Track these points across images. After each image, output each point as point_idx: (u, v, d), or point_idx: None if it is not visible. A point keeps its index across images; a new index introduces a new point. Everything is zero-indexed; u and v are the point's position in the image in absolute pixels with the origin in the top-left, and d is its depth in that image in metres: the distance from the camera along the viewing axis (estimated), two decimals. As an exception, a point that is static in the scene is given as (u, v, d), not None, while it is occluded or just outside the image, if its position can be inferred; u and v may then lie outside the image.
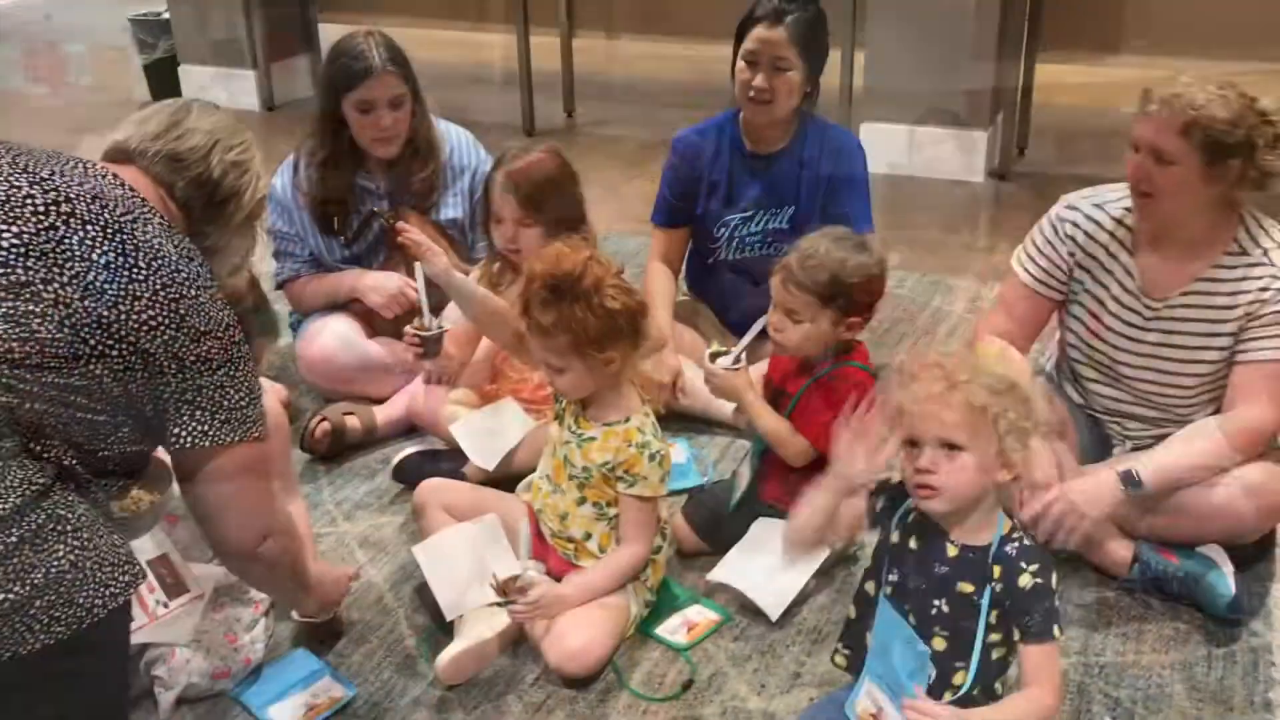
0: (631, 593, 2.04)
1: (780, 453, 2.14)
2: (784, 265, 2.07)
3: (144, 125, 1.71)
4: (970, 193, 4.47)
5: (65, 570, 1.44)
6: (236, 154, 1.74)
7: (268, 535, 1.69)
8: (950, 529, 1.66)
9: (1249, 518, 2.10)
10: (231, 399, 1.61)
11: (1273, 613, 2.12)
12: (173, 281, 1.55)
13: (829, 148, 2.73)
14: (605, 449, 1.97)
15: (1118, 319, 2.20)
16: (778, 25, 2.57)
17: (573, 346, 1.90)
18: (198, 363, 1.57)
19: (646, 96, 5.89)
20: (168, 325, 1.53)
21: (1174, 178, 2.00)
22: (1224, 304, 2.10)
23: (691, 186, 2.81)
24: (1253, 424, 2.08)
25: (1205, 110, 1.94)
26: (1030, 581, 1.60)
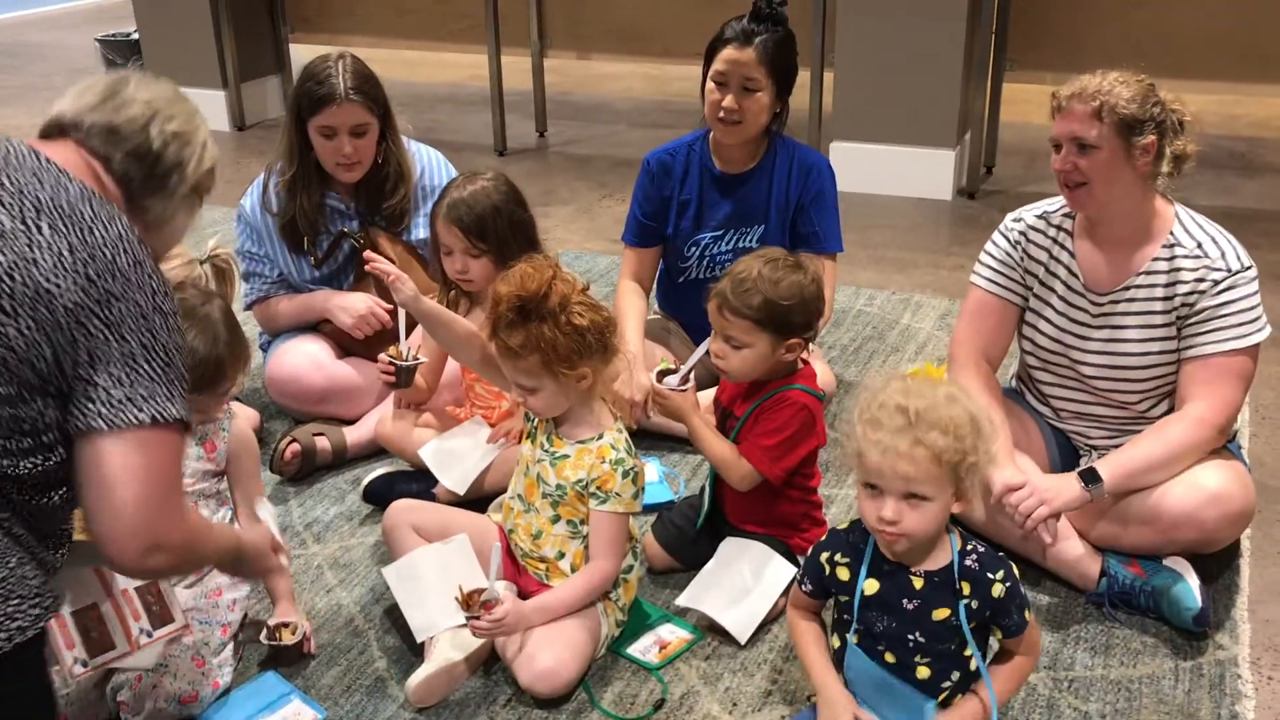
0: (603, 612, 2.03)
1: (724, 475, 2.14)
2: (718, 291, 2.06)
3: (81, 98, 1.61)
4: (938, 211, 4.51)
5: None
6: (178, 124, 1.64)
7: (157, 547, 1.47)
8: (911, 563, 1.67)
9: (1213, 525, 2.12)
10: (141, 373, 1.45)
11: (1239, 625, 2.14)
12: (84, 242, 1.43)
13: (798, 167, 2.76)
14: (579, 466, 1.97)
15: (1066, 317, 2.28)
16: (747, 46, 2.59)
17: (544, 366, 1.90)
18: (105, 329, 1.43)
19: (618, 116, 5.92)
20: (71, 289, 1.40)
21: (1099, 161, 2.10)
22: (1162, 295, 2.17)
23: (662, 206, 2.82)
24: (1201, 418, 2.13)
25: (1112, 93, 2.07)
26: (1002, 589, 1.65)
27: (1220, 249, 2.14)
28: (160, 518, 1.47)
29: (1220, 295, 2.12)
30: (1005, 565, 1.68)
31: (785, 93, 2.70)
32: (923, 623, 1.65)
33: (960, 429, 1.58)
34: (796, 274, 2.05)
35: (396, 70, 6.56)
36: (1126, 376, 2.24)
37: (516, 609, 1.93)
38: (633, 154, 5.22)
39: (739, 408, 2.16)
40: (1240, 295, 2.12)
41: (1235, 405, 2.16)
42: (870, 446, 1.59)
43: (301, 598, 2.24)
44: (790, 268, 2.05)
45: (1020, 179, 4.82)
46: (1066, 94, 2.13)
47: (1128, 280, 2.20)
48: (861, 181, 4.59)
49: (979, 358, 2.34)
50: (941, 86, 4.45)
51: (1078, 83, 2.13)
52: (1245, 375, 2.15)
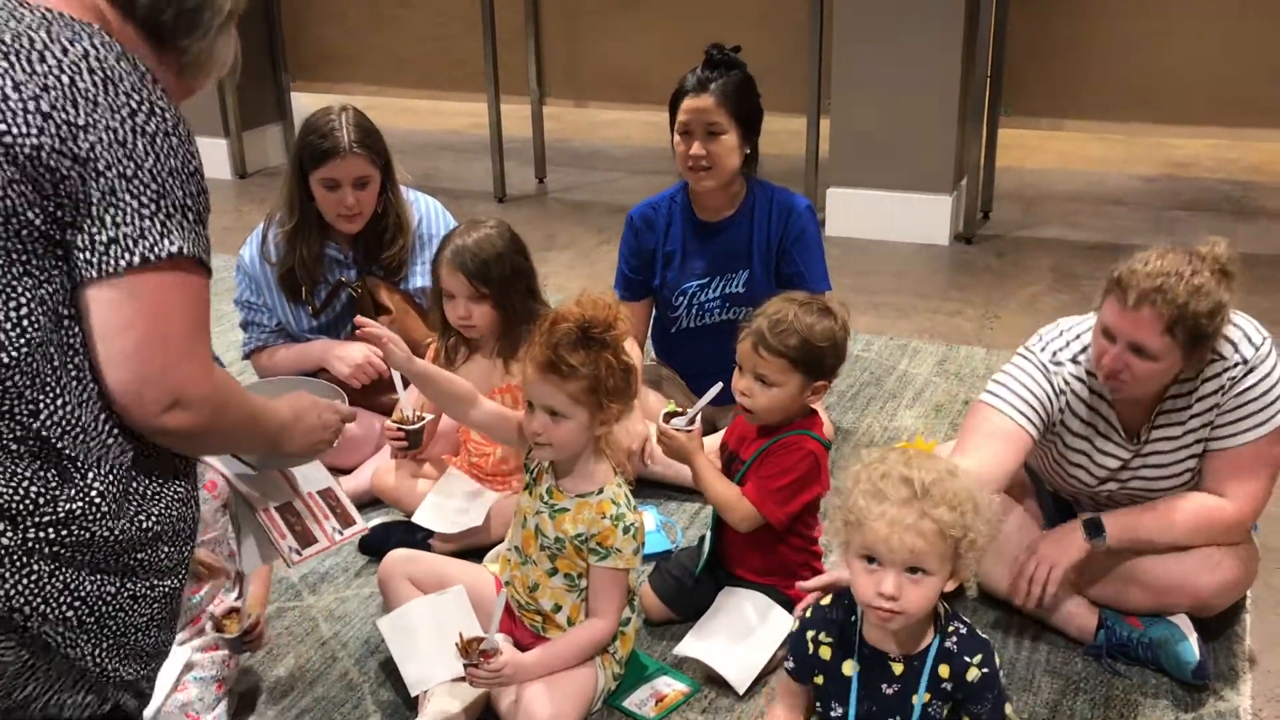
0: (599, 664, 2.02)
1: (725, 517, 2.14)
2: (754, 330, 2.08)
3: None
4: (936, 256, 4.52)
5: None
6: None
7: (175, 402, 1.31)
8: (889, 649, 1.64)
9: (1207, 593, 2.11)
10: (126, 207, 1.28)
11: (1240, 676, 2.12)
12: (30, 74, 1.26)
13: (777, 210, 2.79)
14: (578, 520, 1.96)
15: (1102, 466, 2.17)
16: (704, 93, 2.64)
17: (588, 393, 1.89)
18: (76, 166, 1.26)
19: (616, 163, 5.97)
20: (29, 132, 1.24)
21: (1154, 371, 1.96)
22: (1190, 415, 2.08)
23: (647, 259, 2.85)
24: (1227, 521, 2.08)
25: (1188, 308, 1.88)
26: (977, 674, 1.60)
27: (1232, 341, 2.03)
28: (174, 367, 1.31)
29: (1240, 384, 2.03)
30: (986, 650, 1.63)
31: (752, 134, 2.73)
32: (900, 709, 1.63)
33: (964, 504, 1.56)
34: (828, 319, 2.09)
35: (397, 118, 6.62)
36: (1154, 491, 2.17)
37: (515, 660, 1.92)
38: (631, 200, 5.20)
39: (746, 450, 2.16)
40: (1259, 378, 2.03)
41: (1263, 500, 2.09)
42: (875, 519, 1.55)
43: (296, 649, 2.22)
44: (822, 312, 2.09)
45: (1018, 223, 4.84)
46: (1136, 292, 1.89)
47: (1156, 408, 2.09)
48: (858, 227, 4.61)
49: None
50: (937, 132, 4.48)
51: (1150, 275, 1.89)
52: (1273, 464, 2.08)
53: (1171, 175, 5.44)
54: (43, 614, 1.28)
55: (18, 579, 1.26)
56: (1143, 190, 5.24)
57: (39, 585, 1.27)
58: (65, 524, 1.28)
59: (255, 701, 2.07)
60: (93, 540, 1.30)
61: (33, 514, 1.26)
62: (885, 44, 4.41)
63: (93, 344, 1.30)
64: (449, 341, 2.53)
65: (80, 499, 1.29)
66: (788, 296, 2.14)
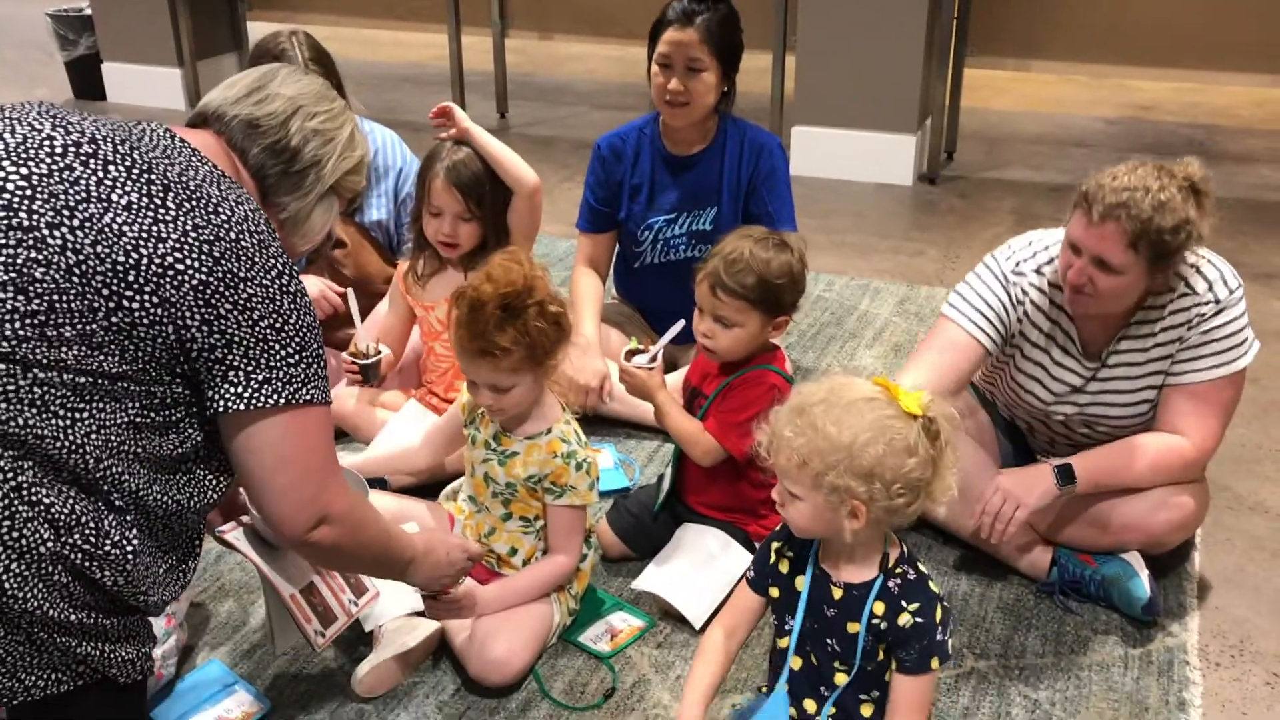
0: (555, 600, 2.02)
1: (688, 452, 2.14)
2: (710, 272, 2.05)
3: (229, 89, 1.62)
4: (899, 196, 4.51)
5: None
6: (320, 122, 1.63)
7: (322, 521, 1.50)
8: (831, 571, 1.64)
9: (1161, 530, 2.13)
10: (275, 355, 1.44)
11: (1188, 613, 2.15)
12: (208, 223, 1.41)
13: (749, 148, 2.74)
14: (529, 463, 1.94)
15: (1058, 380, 2.18)
16: (688, 27, 2.57)
17: (529, 359, 1.86)
18: (236, 312, 1.41)
19: (580, 98, 5.89)
20: (197, 268, 1.39)
21: (1119, 285, 1.96)
22: (1153, 344, 2.09)
23: (614, 190, 2.80)
24: (1185, 458, 2.09)
25: (1153, 223, 1.88)
26: (910, 620, 1.58)
27: (1207, 279, 2.04)
28: (319, 492, 1.50)
29: (1209, 323, 2.04)
30: (926, 600, 1.60)
31: (731, 71, 2.68)
32: (837, 632, 1.63)
33: (825, 443, 1.51)
34: (785, 253, 2.06)
35: (356, 49, 6.49)
36: (1111, 424, 2.19)
37: (475, 592, 1.91)
38: (595, 136, 5.15)
39: (709, 386, 2.15)
40: (1227, 320, 2.04)
41: (1217, 438, 2.10)
42: (767, 427, 1.58)
43: (248, 583, 2.21)
44: (778, 247, 2.06)
45: (981, 165, 4.83)
46: (1102, 206, 1.90)
47: (1119, 332, 2.10)
48: (823, 166, 4.58)
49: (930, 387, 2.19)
50: (903, 72, 4.45)
51: (1116, 189, 1.90)
52: (1228, 404, 2.09)
53: (1135, 118, 5.44)
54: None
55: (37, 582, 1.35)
56: (1106, 133, 5.24)
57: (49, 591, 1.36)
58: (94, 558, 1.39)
59: (207, 636, 2.05)
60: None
61: (71, 532, 1.37)
62: (853, -20, 4.36)
63: (244, 469, 1.48)
64: (421, 260, 2.52)
65: (115, 548, 1.40)
66: (743, 232, 2.11)
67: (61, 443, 1.35)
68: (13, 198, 1.34)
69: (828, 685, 1.66)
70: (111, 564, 1.39)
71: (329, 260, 2.76)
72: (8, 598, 1.34)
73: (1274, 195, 4.48)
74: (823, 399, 1.55)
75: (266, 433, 1.45)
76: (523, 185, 2.43)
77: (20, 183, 1.35)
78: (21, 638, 1.37)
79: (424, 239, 2.49)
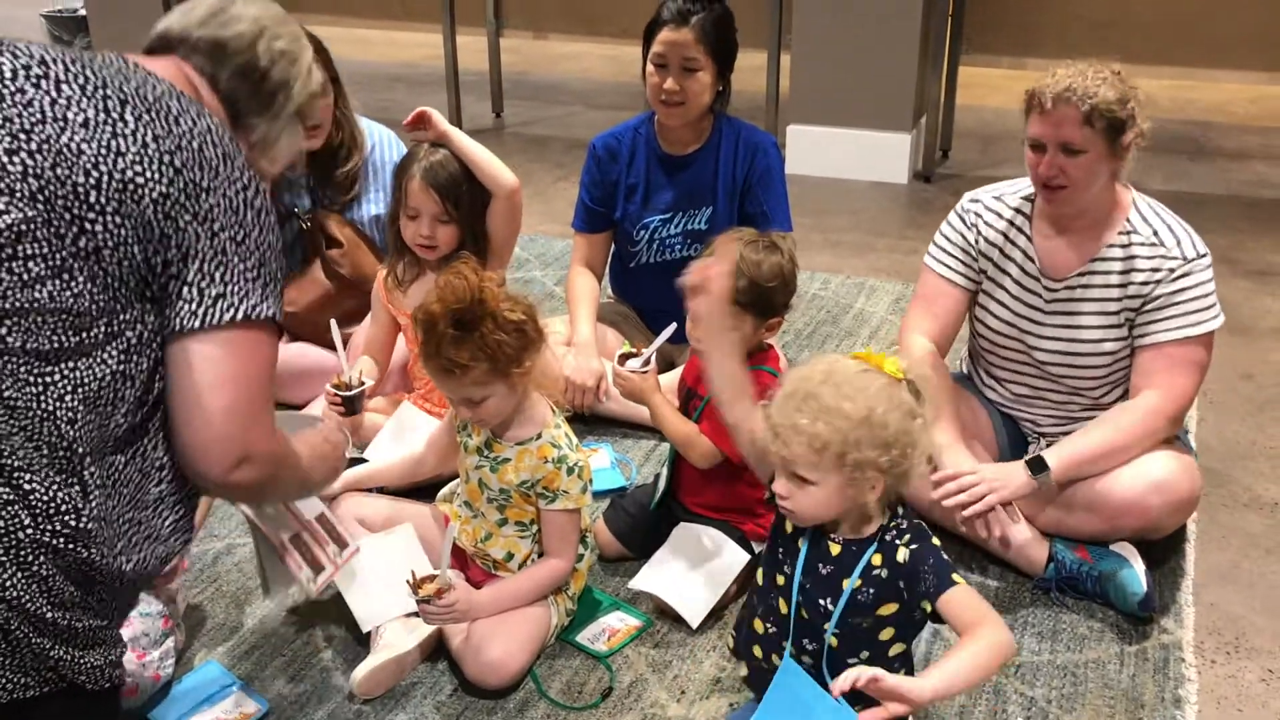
0: (552, 601, 2.02)
1: (684, 454, 2.14)
2: None
3: (188, 13, 1.60)
4: (894, 194, 4.51)
5: None
6: (285, 43, 1.61)
7: (245, 459, 1.40)
8: (833, 530, 1.66)
9: (1157, 513, 2.14)
10: (233, 268, 1.38)
11: (1184, 610, 2.16)
12: (169, 132, 1.37)
13: (744, 147, 2.74)
14: (520, 468, 1.94)
15: (1021, 301, 2.27)
16: (683, 26, 2.58)
17: (493, 371, 1.84)
18: (196, 223, 1.36)
19: (575, 97, 5.88)
20: (157, 179, 1.34)
21: (1085, 165, 2.08)
22: (1118, 283, 2.17)
23: (609, 190, 2.80)
24: (1154, 408, 2.14)
25: (1099, 95, 2.03)
26: (906, 553, 1.61)
27: (1176, 237, 2.15)
28: (251, 426, 1.41)
29: (1176, 283, 2.12)
30: (918, 532, 1.64)
31: (726, 71, 2.68)
32: (834, 590, 1.64)
33: (844, 420, 1.53)
34: (775, 255, 2.06)
35: (351, 49, 6.47)
36: (1082, 364, 2.25)
37: (469, 596, 1.91)
38: (590, 135, 5.15)
39: (704, 387, 2.15)
40: (1195, 283, 2.13)
41: (1189, 395, 2.17)
42: (766, 418, 1.61)
43: (245, 585, 2.21)
44: (768, 248, 2.06)
45: (976, 163, 4.84)
46: (1051, 94, 2.07)
47: (1083, 266, 2.20)
48: (818, 165, 4.59)
49: (928, 343, 2.33)
50: (897, 70, 4.45)
51: (1059, 81, 2.07)
52: (1199, 364, 2.16)
53: (1130, 115, 5.44)
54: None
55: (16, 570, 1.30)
56: (1101, 130, 5.24)
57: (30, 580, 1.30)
58: (74, 537, 1.32)
59: (204, 638, 2.06)
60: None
61: (53, 518, 1.30)
62: (847, -22, 4.36)
63: (174, 392, 1.37)
64: (401, 263, 2.51)
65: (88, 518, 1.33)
66: (730, 236, 2.11)
67: (35, 411, 1.28)
68: None
69: (817, 643, 1.67)
70: (92, 539, 1.33)
71: (325, 260, 2.76)
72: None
73: (1269, 192, 4.49)
74: (823, 379, 1.58)
75: (209, 349, 1.37)
76: (501, 187, 2.43)
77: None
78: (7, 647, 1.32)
79: (402, 242, 2.49)
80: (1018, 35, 4.57)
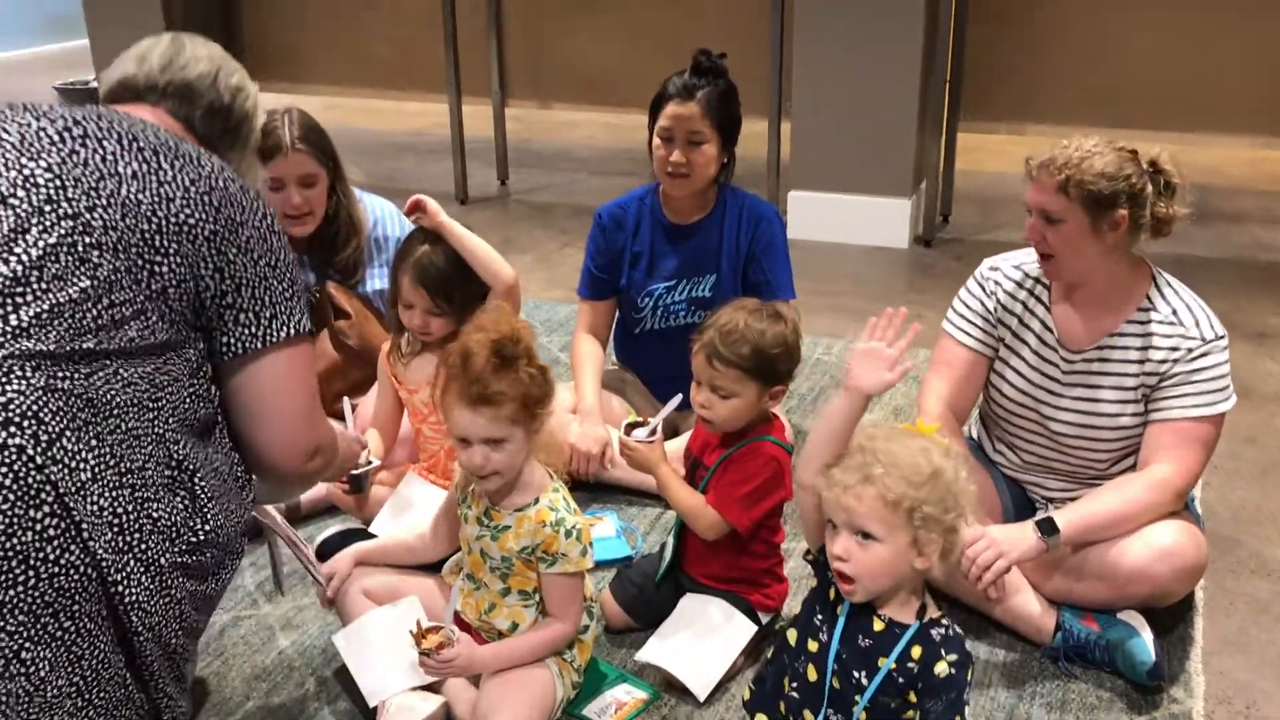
0: (558, 674, 2.01)
1: (691, 526, 2.14)
2: (706, 343, 2.08)
3: (143, 64, 1.69)
4: (895, 259, 4.55)
5: None
6: (238, 78, 1.74)
7: (318, 451, 1.63)
8: (878, 604, 1.67)
9: (1165, 580, 2.13)
10: (275, 290, 1.55)
11: (1193, 679, 2.15)
12: (200, 175, 1.51)
13: (747, 217, 2.79)
14: (520, 535, 1.94)
15: (1038, 371, 2.27)
16: (689, 101, 2.63)
17: (521, 409, 1.87)
18: (240, 255, 1.52)
19: (579, 164, 5.95)
20: (205, 219, 1.49)
21: (1064, 235, 2.11)
22: (1136, 358, 2.18)
23: (614, 258, 2.84)
24: (1163, 481, 2.13)
25: (1080, 167, 2.05)
26: (945, 670, 1.62)
27: (1195, 317, 2.16)
28: (317, 422, 1.64)
29: (1194, 362, 2.13)
30: (963, 655, 1.65)
31: (730, 143, 2.73)
32: (870, 664, 1.65)
33: (915, 475, 1.59)
34: (779, 324, 2.08)
35: (358, 118, 6.57)
36: (1097, 436, 2.25)
37: (469, 652, 1.92)
38: (593, 202, 5.19)
39: (709, 457, 2.16)
40: (1213, 363, 2.14)
41: (1196, 473, 2.17)
42: (825, 483, 1.64)
43: (252, 659, 2.20)
44: (772, 317, 2.09)
45: (976, 227, 4.88)
46: (1036, 163, 2.12)
47: (1102, 340, 2.21)
48: (819, 230, 4.63)
49: (945, 410, 2.33)
50: (897, 136, 4.51)
51: (1049, 151, 2.11)
52: (1209, 443, 2.16)
53: (1128, 179, 5.49)
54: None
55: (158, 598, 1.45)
56: (1100, 193, 5.28)
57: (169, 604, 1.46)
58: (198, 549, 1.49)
59: (210, 710, 2.05)
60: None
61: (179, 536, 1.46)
62: (846, 49, 4.44)
63: (251, 406, 1.55)
64: (404, 338, 2.53)
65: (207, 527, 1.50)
66: (737, 304, 2.14)
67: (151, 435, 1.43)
68: (48, 188, 1.41)
69: (845, 715, 1.67)
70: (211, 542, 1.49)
71: (333, 332, 2.79)
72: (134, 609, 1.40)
73: (1267, 255, 4.52)
74: (888, 438, 1.64)
75: (273, 364, 1.55)
76: (499, 281, 2.42)
77: (48, 174, 1.42)
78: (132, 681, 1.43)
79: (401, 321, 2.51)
80: (1015, 102, 4.63)
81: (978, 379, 2.37)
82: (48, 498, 1.31)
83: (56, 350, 1.35)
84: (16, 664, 1.31)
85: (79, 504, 1.33)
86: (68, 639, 1.35)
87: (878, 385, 1.75)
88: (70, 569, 1.33)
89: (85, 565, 1.34)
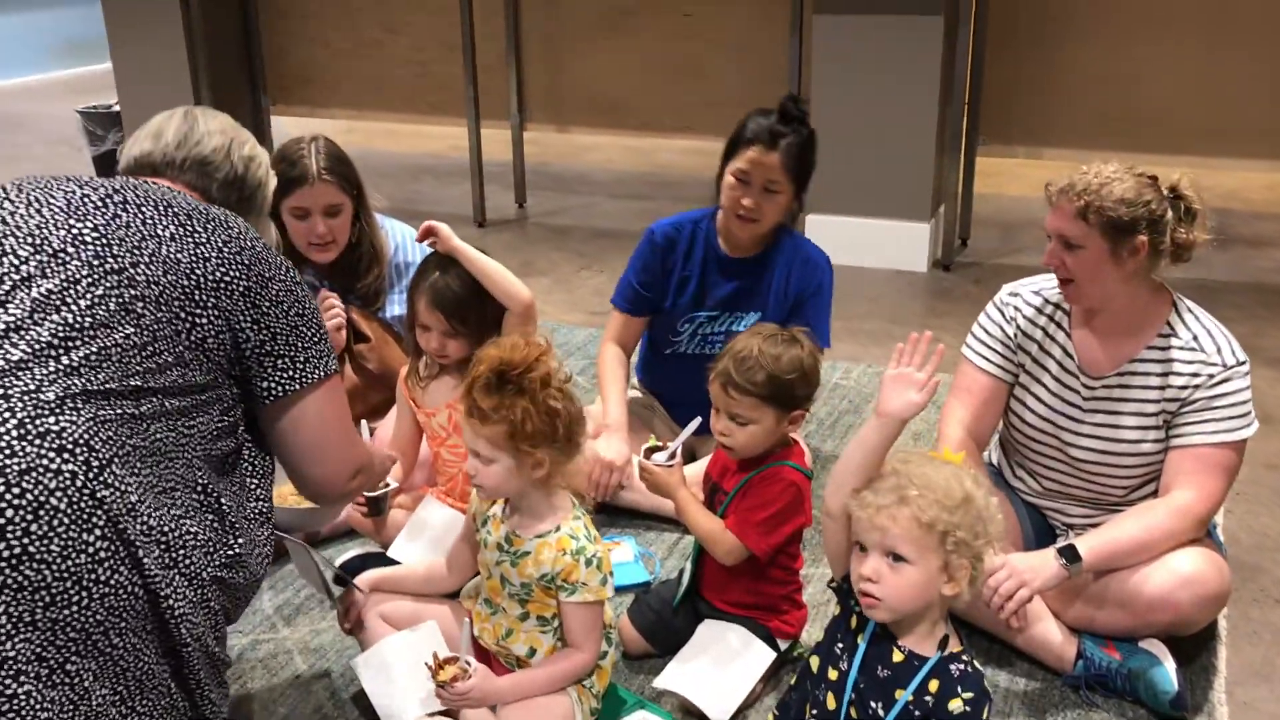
0: (576, 700, 2.00)
1: (710, 551, 2.13)
2: (721, 371, 2.07)
3: (159, 140, 1.78)
4: (914, 283, 4.54)
5: None
6: (249, 148, 1.84)
7: (360, 470, 1.79)
8: (899, 634, 1.66)
9: (1187, 608, 2.12)
10: (306, 336, 1.68)
11: (1216, 709, 2.12)
12: (230, 236, 1.63)
13: (800, 260, 2.76)
14: (540, 561, 1.93)
15: (1059, 397, 2.26)
16: (773, 150, 2.59)
17: (508, 437, 1.86)
18: (273, 307, 1.64)
19: (597, 187, 5.98)
20: (240, 276, 1.61)
21: (1084, 260, 2.11)
22: (1157, 384, 2.17)
23: (661, 278, 2.80)
24: (1185, 508, 2.12)
25: (1099, 193, 2.06)
26: (960, 706, 1.61)
27: (1216, 344, 2.15)
28: (356, 446, 1.83)
29: (1215, 388, 2.12)
30: (980, 693, 1.64)
31: (802, 191, 2.71)
32: (886, 696, 1.64)
33: (949, 499, 1.60)
34: (795, 348, 2.08)
35: (377, 141, 6.62)
36: (1118, 463, 2.23)
37: (484, 684, 1.91)
38: (611, 225, 5.25)
39: (728, 482, 2.16)
40: (1235, 389, 2.12)
41: (1218, 499, 2.15)
42: (857, 504, 1.65)
43: (270, 682, 2.20)
44: (787, 342, 2.08)
45: (995, 251, 4.87)
46: (1056, 189, 2.12)
47: (1122, 366, 2.20)
48: (837, 254, 4.54)
49: (966, 436, 2.32)
50: (915, 160, 4.51)
51: (1069, 177, 2.11)
52: (1230, 469, 2.15)
53: (1147, 202, 5.47)
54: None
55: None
56: (1119, 217, 5.27)
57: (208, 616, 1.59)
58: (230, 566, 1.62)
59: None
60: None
61: (217, 552, 1.59)
62: (864, 73, 4.45)
63: (299, 444, 1.72)
64: (423, 360, 2.53)
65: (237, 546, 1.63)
66: (753, 330, 2.13)
67: (182, 459, 1.55)
68: (96, 245, 1.53)
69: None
70: (244, 559, 1.62)
71: (353, 355, 2.80)
72: (183, 621, 1.51)
73: (1288, 279, 4.50)
74: (921, 463, 1.65)
75: (313, 404, 1.69)
76: (515, 302, 2.42)
77: (93, 234, 1.54)
78: (178, 689, 1.54)
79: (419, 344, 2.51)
80: (1034, 126, 4.64)
81: (998, 405, 2.36)
82: (99, 521, 1.42)
83: (104, 388, 1.47)
84: (60, 674, 1.40)
85: (130, 524, 1.45)
86: (115, 653, 1.45)
87: (906, 408, 1.74)
88: (119, 589, 1.44)
89: (133, 585, 1.46)
